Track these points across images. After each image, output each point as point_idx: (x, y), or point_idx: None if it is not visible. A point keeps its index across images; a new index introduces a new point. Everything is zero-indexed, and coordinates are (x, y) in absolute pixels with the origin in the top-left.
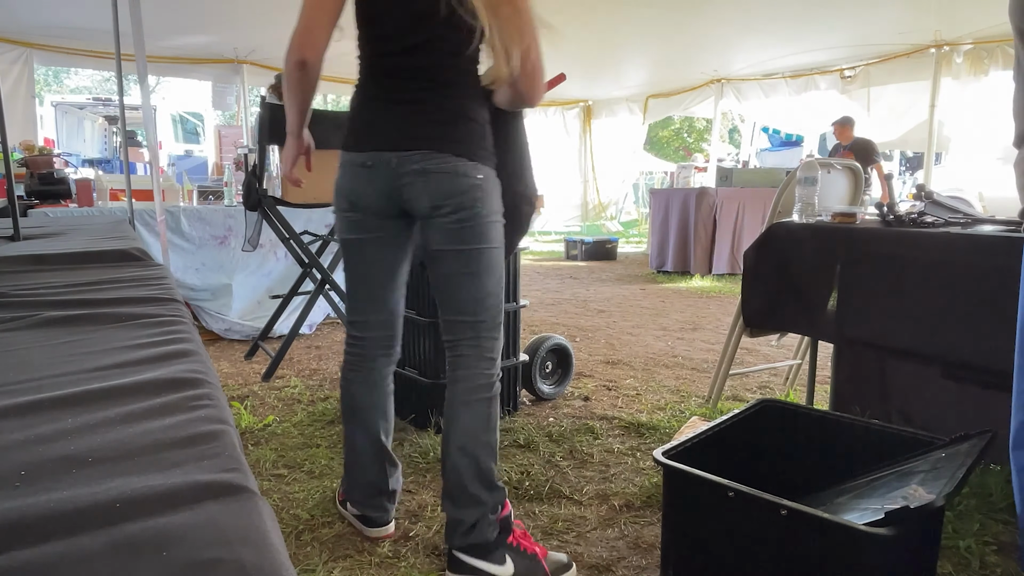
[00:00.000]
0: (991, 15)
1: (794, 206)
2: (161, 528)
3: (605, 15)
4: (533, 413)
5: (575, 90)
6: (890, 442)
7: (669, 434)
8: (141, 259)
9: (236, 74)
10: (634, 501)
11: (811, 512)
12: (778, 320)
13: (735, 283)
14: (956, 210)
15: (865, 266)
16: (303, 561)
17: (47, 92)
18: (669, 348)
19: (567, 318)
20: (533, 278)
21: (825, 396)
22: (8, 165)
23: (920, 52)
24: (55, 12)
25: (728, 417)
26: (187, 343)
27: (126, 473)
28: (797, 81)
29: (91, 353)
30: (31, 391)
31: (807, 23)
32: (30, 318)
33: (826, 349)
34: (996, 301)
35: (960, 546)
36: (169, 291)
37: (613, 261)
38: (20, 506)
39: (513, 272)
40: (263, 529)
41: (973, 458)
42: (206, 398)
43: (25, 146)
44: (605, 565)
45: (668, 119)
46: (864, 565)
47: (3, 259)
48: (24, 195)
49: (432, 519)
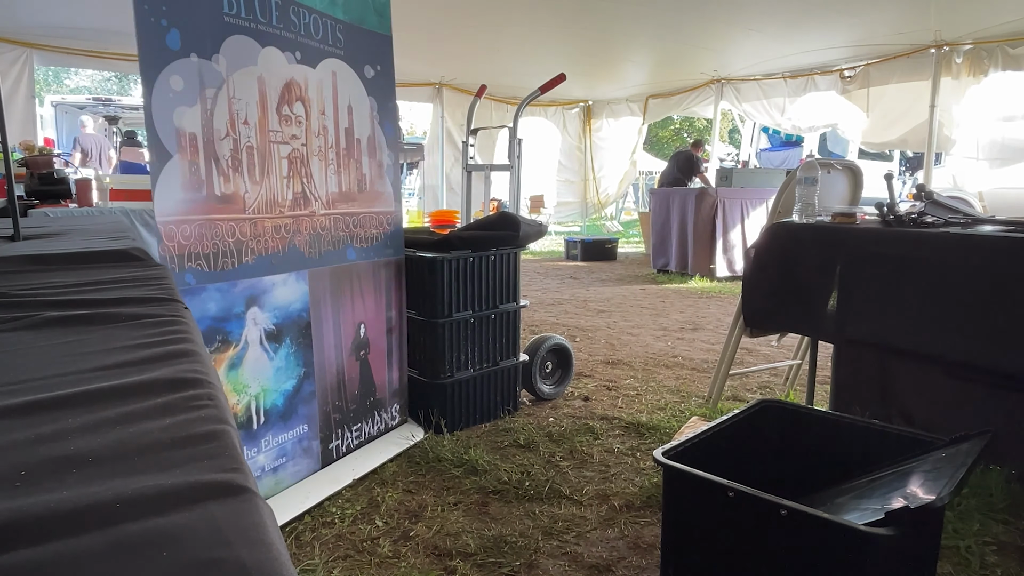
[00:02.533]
0: (991, 15)
1: (794, 206)
2: (161, 528)
3: (605, 15)
4: (533, 413)
5: (575, 90)
6: (890, 442)
7: (669, 434)
8: (141, 259)
9: None
10: (634, 501)
11: (811, 512)
12: (778, 320)
13: (735, 283)
14: (956, 210)
15: (865, 266)
16: (303, 561)
17: (47, 92)
18: (669, 348)
19: (567, 318)
20: (533, 278)
21: (825, 396)
22: (8, 165)
23: (920, 52)
24: (55, 12)
25: (728, 417)
26: (187, 343)
27: (126, 473)
28: (797, 81)
29: (91, 353)
30: (31, 391)
31: (807, 23)
32: (30, 318)
33: (826, 349)
34: (996, 301)
35: (960, 546)
36: (169, 291)
37: (613, 261)
38: (20, 506)
39: (513, 272)
40: (263, 529)
41: (973, 458)
42: (206, 398)
43: (25, 146)
44: (605, 565)
45: (668, 119)
46: (864, 565)
47: (3, 259)
48: (24, 195)
49: (432, 519)
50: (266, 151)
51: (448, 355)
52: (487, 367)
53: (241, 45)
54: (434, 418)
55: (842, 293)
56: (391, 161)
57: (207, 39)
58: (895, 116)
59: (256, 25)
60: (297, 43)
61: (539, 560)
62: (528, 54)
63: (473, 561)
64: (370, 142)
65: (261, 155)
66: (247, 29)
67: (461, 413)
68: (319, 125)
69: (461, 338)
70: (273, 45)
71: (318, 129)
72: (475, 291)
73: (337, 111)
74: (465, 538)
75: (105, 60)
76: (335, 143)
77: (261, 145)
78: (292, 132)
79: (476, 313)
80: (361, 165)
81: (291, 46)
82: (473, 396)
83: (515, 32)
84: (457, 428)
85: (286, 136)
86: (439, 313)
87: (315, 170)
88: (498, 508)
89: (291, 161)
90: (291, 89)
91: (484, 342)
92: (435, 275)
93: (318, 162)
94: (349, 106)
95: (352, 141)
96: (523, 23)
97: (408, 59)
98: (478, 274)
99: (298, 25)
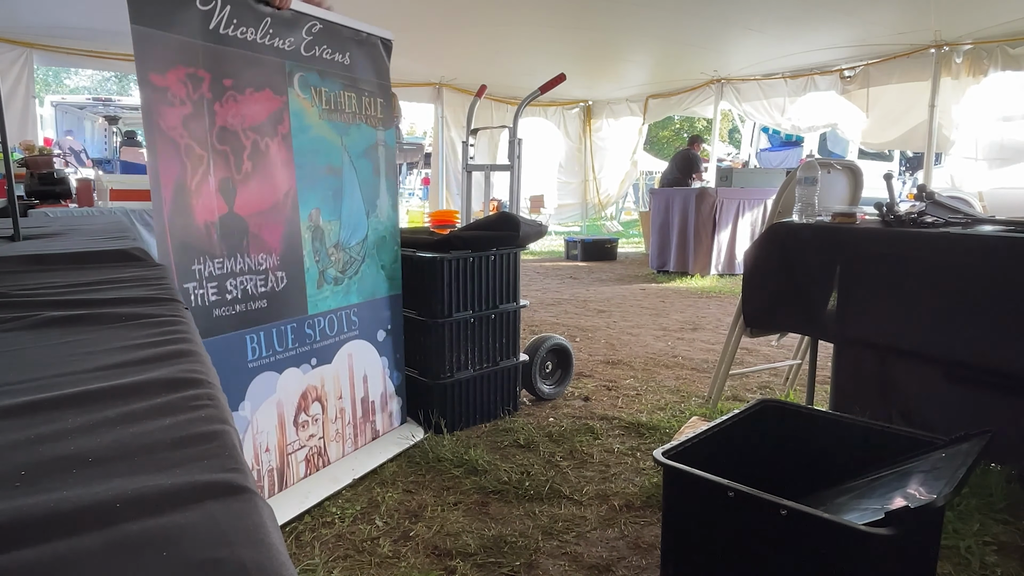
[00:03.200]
0: (991, 15)
1: (794, 206)
2: (161, 528)
3: (605, 15)
4: (533, 413)
5: (575, 90)
6: (890, 442)
7: (669, 434)
8: (141, 259)
9: None
10: (634, 501)
11: (811, 512)
12: (779, 320)
13: (735, 283)
14: (956, 210)
15: (865, 266)
16: (303, 561)
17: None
18: (669, 348)
19: (567, 318)
20: (533, 278)
21: (825, 396)
22: (8, 165)
23: (920, 52)
24: (55, 12)
25: (728, 417)
26: (187, 343)
27: (126, 473)
28: (797, 81)
29: (91, 353)
30: (31, 391)
31: (807, 23)
32: (30, 318)
33: (826, 349)
34: (996, 301)
35: (960, 546)
36: (169, 291)
37: (613, 261)
38: (20, 506)
39: (513, 272)
40: (263, 529)
41: (973, 458)
42: (206, 398)
43: (25, 146)
44: (605, 565)
45: (668, 119)
46: (864, 565)
47: (3, 259)
48: (24, 195)
49: (432, 519)
50: (283, 464)
51: (448, 355)
52: (487, 367)
53: (264, 381)
54: (434, 418)
55: (842, 293)
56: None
57: (233, 390)
58: (895, 116)
59: (275, 356)
60: (313, 351)
61: (539, 560)
62: (528, 54)
63: (473, 561)
64: (382, 397)
65: (280, 471)
66: (269, 364)
67: (461, 413)
68: (336, 410)
69: (461, 338)
70: (291, 366)
71: (335, 415)
72: (475, 291)
73: (353, 387)
74: (465, 538)
75: (105, 60)
76: (352, 416)
77: (280, 464)
78: (310, 432)
79: (476, 313)
80: (375, 423)
81: (307, 357)
82: (473, 396)
83: (515, 32)
84: (457, 428)
85: (303, 439)
86: (439, 313)
87: (332, 454)
88: (498, 508)
89: (308, 460)
90: (307, 396)
91: (484, 342)
92: (435, 275)
93: (336, 445)
94: (364, 376)
95: (368, 406)
96: (523, 23)
97: (408, 59)
98: (478, 274)
99: (314, 335)
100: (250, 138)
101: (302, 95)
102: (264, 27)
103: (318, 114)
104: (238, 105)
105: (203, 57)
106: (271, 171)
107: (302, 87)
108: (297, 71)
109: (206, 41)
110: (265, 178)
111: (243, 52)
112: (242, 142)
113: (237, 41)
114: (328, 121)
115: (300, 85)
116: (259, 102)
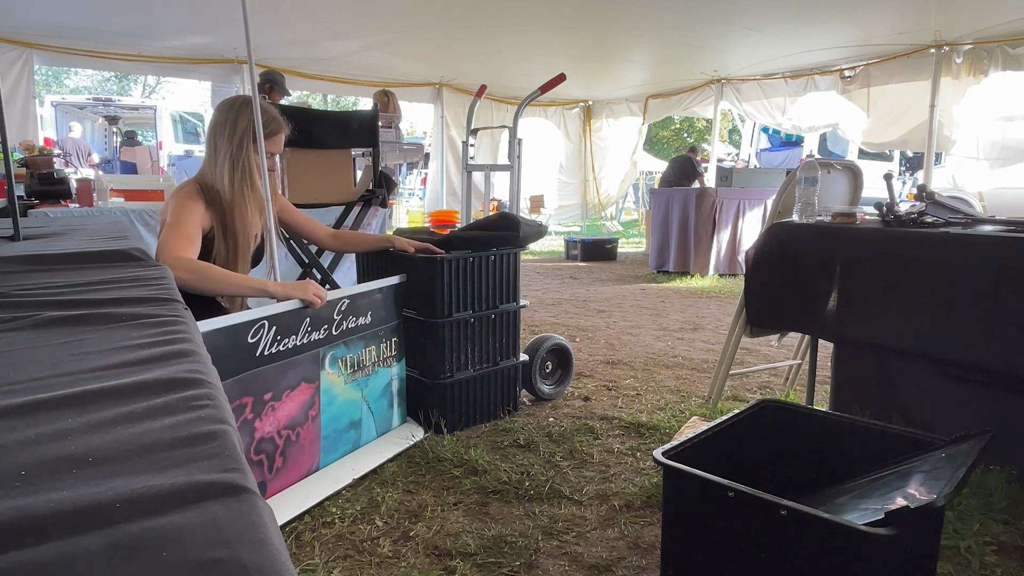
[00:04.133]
0: (991, 15)
1: (794, 206)
2: (161, 528)
3: (605, 15)
4: (533, 413)
5: (575, 90)
6: (890, 442)
7: (669, 434)
8: (141, 259)
9: (236, 74)
10: (634, 501)
11: (811, 512)
12: (780, 320)
13: (735, 283)
14: (956, 210)
15: (865, 266)
16: (303, 561)
17: (47, 92)
18: (669, 348)
19: (567, 318)
20: (533, 278)
21: (825, 396)
22: (8, 165)
23: (920, 52)
24: (55, 12)
25: (728, 417)
26: (187, 343)
27: (126, 473)
28: (797, 81)
29: (91, 353)
30: (31, 391)
31: (807, 23)
32: (30, 318)
33: (826, 349)
34: (996, 301)
35: (960, 546)
36: (169, 291)
37: (613, 261)
38: (20, 506)
39: (513, 272)
40: (263, 529)
41: (973, 458)
42: (206, 398)
43: (25, 146)
44: (605, 565)
45: (668, 119)
46: (864, 565)
47: (3, 259)
48: (24, 195)
49: (432, 519)
50: None
51: (448, 355)
52: (487, 367)
53: None
54: (434, 418)
55: (842, 293)
56: None
57: None
58: (895, 116)
59: None
60: None
61: (539, 560)
62: (528, 54)
63: (473, 561)
64: None
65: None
66: None
67: (461, 413)
68: None
69: (461, 338)
70: None
71: None
72: (475, 291)
73: None
74: (465, 538)
75: (105, 60)
76: None
77: None
78: None
79: (476, 313)
80: None
81: None
82: (473, 396)
83: (515, 32)
84: (457, 428)
85: None
86: (439, 313)
87: None
88: (498, 508)
89: None
90: None
91: (484, 342)
92: (435, 275)
93: None
94: None
95: None
96: (523, 23)
97: (408, 59)
98: (478, 274)
99: None
100: (283, 436)
101: (331, 371)
102: (304, 328)
103: (343, 381)
104: (275, 413)
105: (246, 385)
106: (299, 456)
107: (331, 364)
108: (328, 352)
109: (253, 368)
110: (292, 465)
111: (284, 362)
112: (276, 443)
113: (279, 355)
114: (352, 383)
115: (330, 363)
116: (294, 399)
